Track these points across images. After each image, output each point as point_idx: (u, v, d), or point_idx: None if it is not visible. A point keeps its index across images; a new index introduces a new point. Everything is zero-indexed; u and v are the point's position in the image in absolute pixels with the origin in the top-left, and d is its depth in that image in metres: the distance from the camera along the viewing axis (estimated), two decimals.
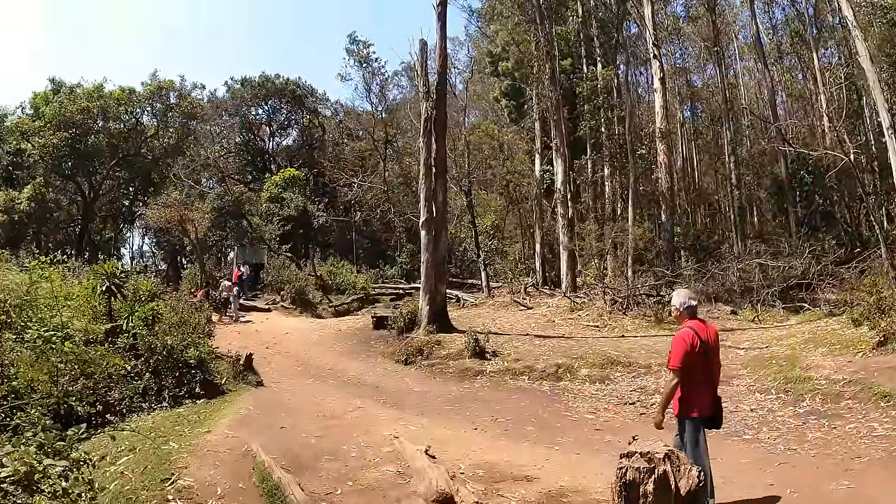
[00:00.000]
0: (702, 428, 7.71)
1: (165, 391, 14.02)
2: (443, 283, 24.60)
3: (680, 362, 7.57)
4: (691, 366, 7.57)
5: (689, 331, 7.69)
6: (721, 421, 8.08)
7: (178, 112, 55.96)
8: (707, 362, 7.71)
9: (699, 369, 7.63)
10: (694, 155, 48.20)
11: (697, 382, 7.66)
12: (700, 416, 7.69)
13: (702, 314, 20.53)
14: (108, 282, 16.71)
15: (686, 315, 7.92)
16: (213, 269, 46.54)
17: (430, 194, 23.96)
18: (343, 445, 10.77)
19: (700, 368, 7.64)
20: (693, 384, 7.64)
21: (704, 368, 7.69)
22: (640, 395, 14.80)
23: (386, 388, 17.55)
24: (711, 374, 7.87)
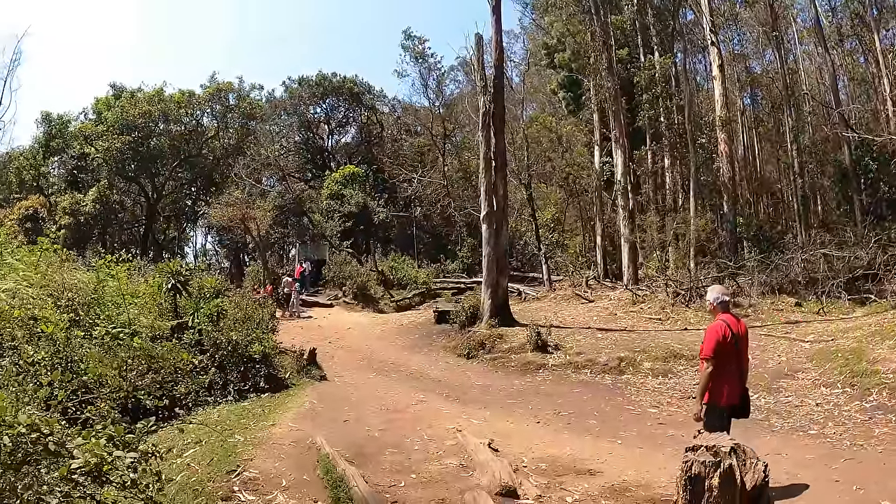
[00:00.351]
0: (728, 417, 8.03)
1: (230, 385, 14.23)
2: (504, 276, 24.54)
3: (712, 352, 7.90)
4: (723, 356, 7.91)
5: (721, 323, 8.05)
6: (749, 411, 8.35)
7: (238, 113, 56.96)
8: (738, 353, 8.05)
9: (731, 360, 7.98)
10: (755, 143, 47.10)
11: (729, 372, 7.98)
12: (728, 405, 8.01)
13: (766, 306, 20.32)
14: (173, 279, 16.96)
15: (720, 309, 8.27)
16: (276, 265, 47.02)
17: (490, 188, 23.87)
18: (406, 438, 10.79)
19: (732, 359, 7.99)
20: (724, 374, 7.95)
21: (736, 359, 8.03)
22: None
23: (448, 381, 17.57)
24: (741, 365, 8.16)
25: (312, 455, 9.56)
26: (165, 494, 6.41)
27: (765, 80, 44.97)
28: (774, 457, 7.56)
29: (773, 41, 39.18)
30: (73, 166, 55.68)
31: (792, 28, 42.25)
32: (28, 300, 13.79)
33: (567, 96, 43.39)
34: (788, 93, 38.34)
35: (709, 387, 7.99)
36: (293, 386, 15.48)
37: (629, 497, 8.17)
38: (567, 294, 29.57)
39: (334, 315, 32.54)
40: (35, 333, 11.82)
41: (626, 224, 30.81)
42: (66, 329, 11.73)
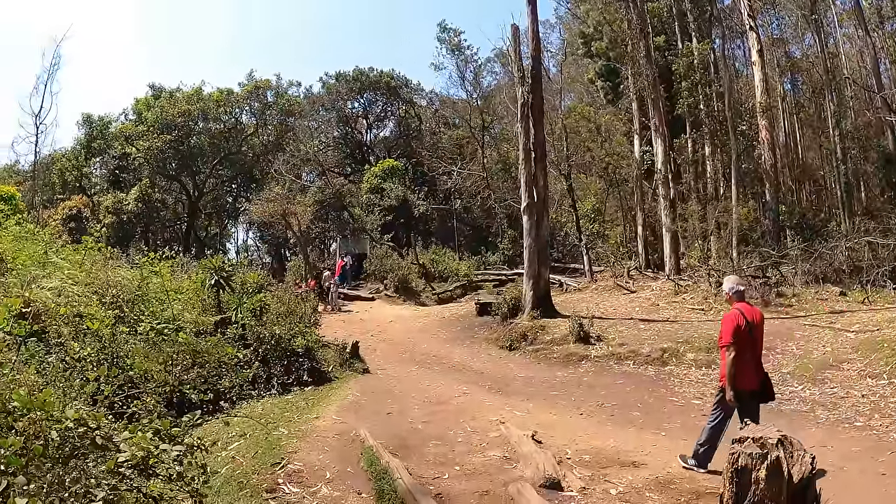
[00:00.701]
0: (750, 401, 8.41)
1: (274, 379, 14.31)
2: (546, 267, 24.37)
3: (730, 338, 8.33)
4: (739, 343, 8.33)
5: (736, 311, 8.55)
6: (772, 395, 8.81)
7: (276, 109, 57.59)
8: (753, 340, 8.47)
9: (746, 347, 8.38)
10: (796, 129, 46.13)
11: (745, 358, 8.37)
12: (747, 390, 8.40)
13: (810, 295, 20.05)
14: (216, 275, 17.10)
15: (735, 298, 8.82)
16: (317, 260, 47.18)
17: (530, 179, 23.71)
18: (449, 431, 10.75)
19: (747, 346, 8.39)
20: (740, 360, 8.35)
21: (751, 346, 8.45)
22: None
23: (490, 373, 17.48)
24: (756, 351, 8.57)
25: (356, 447, 9.57)
26: (211, 487, 6.43)
27: (804, 65, 44.27)
28: (820, 449, 7.37)
29: (813, 24, 38.65)
30: (115, 166, 56.54)
31: (831, 11, 41.38)
32: (73, 298, 13.94)
33: (605, 86, 43.19)
34: (829, 77, 37.78)
35: (731, 372, 8.33)
36: (336, 379, 15.52)
37: (674, 489, 8.06)
38: (608, 285, 29.31)
39: (376, 308, 32.86)
40: (81, 330, 11.97)
41: (667, 213, 30.44)
42: (111, 325, 11.87)
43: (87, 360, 10.26)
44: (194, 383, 11.60)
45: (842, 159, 36.48)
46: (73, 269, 16.15)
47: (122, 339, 11.95)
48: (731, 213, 30.96)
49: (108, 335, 11.50)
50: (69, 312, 12.63)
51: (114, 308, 14.51)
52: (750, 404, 8.35)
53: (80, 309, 13.05)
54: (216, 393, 12.57)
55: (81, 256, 17.26)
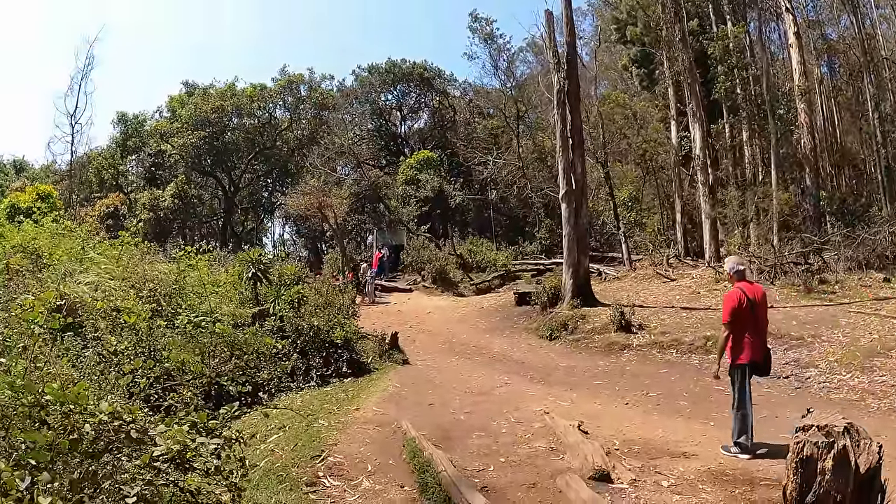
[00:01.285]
0: (749, 374, 8.86)
1: (313, 371, 14.22)
2: (585, 255, 23.93)
3: (729, 316, 8.79)
4: (741, 320, 8.76)
5: (737, 290, 8.92)
6: (770, 369, 9.27)
7: (310, 103, 57.80)
8: (755, 317, 8.84)
9: (748, 322, 8.78)
10: (834, 113, 45.22)
11: (748, 333, 8.79)
12: (749, 363, 8.80)
13: (853, 282, 19.59)
14: (253, 268, 17.00)
15: (736, 278, 9.17)
16: (354, 252, 47.04)
17: (567, 166, 23.36)
18: (493, 421, 10.51)
19: (749, 322, 8.78)
20: (743, 335, 8.79)
21: (753, 322, 8.83)
22: (794, 368, 13.71)
23: (532, 363, 17.17)
24: (759, 327, 8.95)
25: (398, 439, 9.40)
26: (249, 480, 6.29)
27: (841, 47, 43.18)
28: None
29: (849, 5, 37.67)
30: (151, 163, 57.03)
31: None
32: (110, 292, 13.87)
33: (639, 72, 42.63)
34: (867, 59, 36.83)
35: (728, 347, 8.92)
36: (376, 370, 15.41)
37: (727, 481, 7.73)
38: (647, 273, 28.86)
39: (414, 300, 32.79)
40: (118, 324, 11.89)
41: (706, 200, 29.87)
42: (147, 319, 11.77)
43: (123, 353, 10.15)
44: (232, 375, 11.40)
45: (882, 143, 35.50)
46: (109, 265, 16.13)
47: (158, 333, 11.79)
48: (772, 198, 30.40)
49: (145, 328, 11.43)
50: (106, 307, 12.59)
51: (151, 302, 14.46)
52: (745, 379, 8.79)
53: (117, 303, 13.00)
54: (255, 385, 12.39)
55: (118, 251, 17.22)
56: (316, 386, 13.64)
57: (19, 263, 14.46)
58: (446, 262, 37.35)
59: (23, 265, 14.40)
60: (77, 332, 11.80)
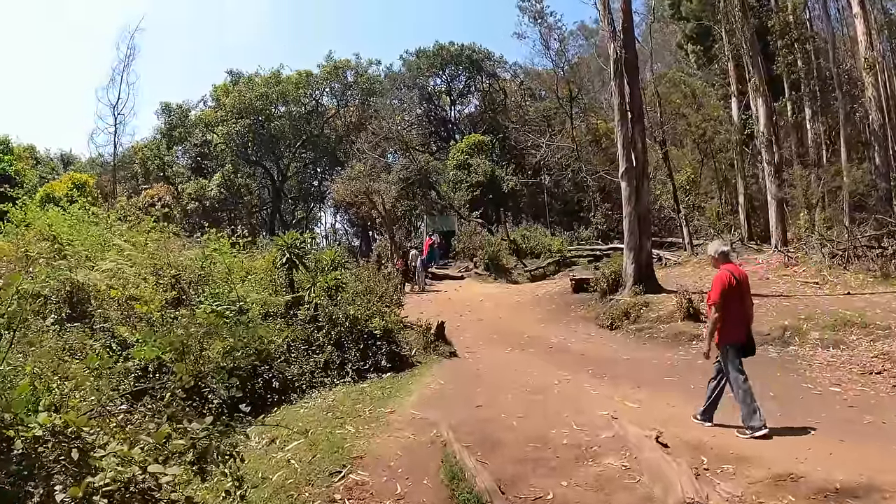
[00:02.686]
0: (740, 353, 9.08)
1: (348, 365, 12.87)
2: (648, 238, 22.39)
3: (718, 297, 8.98)
4: (730, 300, 8.97)
5: (725, 272, 9.12)
6: (754, 349, 9.37)
7: (357, 90, 57.55)
8: (741, 296, 9.11)
9: (736, 303, 9.02)
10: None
11: (736, 314, 9.03)
12: (738, 343, 9.06)
13: None
14: (287, 253, 15.69)
15: (721, 260, 9.39)
16: (403, 239, 45.89)
17: (627, 141, 21.74)
18: (551, 429, 8.99)
19: (737, 302, 9.03)
20: (732, 316, 9.00)
21: (740, 302, 9.09)
22: (885, 362, 12.05)
23: (592, 355, 15.63)
24: (745, 308, 9.21)
25: (436, 451, 7.93)
26: None
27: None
28: None
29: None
30: (197, 154, 57.14)
31: None
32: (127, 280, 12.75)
33: (695, 50, 40.96)
34: None
35: (719, 329, 9.04)
36: (419, 364, 13.96)
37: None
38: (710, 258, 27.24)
39: (465, 287, 31.53)
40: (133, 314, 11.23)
41: (772, 180, 28.08)
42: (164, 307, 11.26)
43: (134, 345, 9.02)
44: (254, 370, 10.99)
45: None
46: (133, 251, 15.05)
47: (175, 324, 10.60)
48: (843, 177, 28.57)
49: (158, 318, 10.56)
50: (119, 295, 11.55)
51: (173, 290, 13.40)
52: (736, 358, 9.01)
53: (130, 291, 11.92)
54: (283, 381, 11.56)
55: (144, 238, 16.11)
56: (352, 382, 12.35)
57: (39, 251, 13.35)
58: (499, 248, 35.84)
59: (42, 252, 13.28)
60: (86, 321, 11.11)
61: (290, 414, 10.32)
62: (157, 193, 48.16)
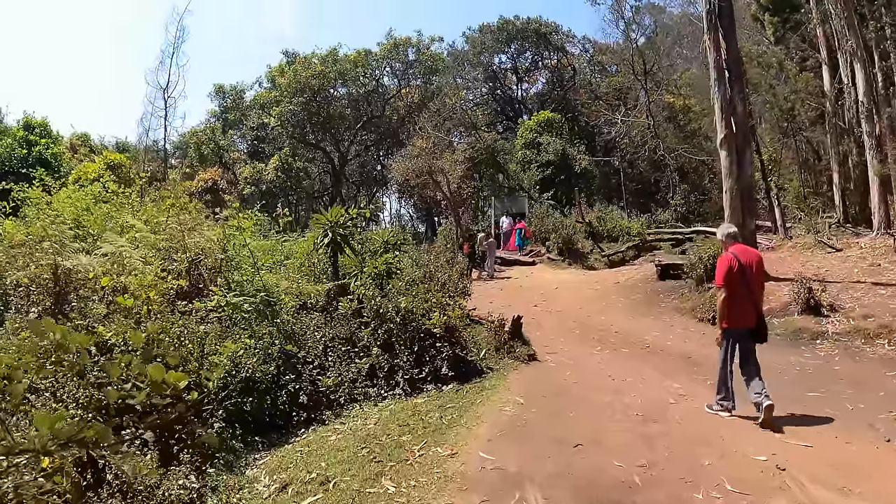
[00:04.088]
0: (745, 337, 8.64)
1: (399, 373, 10.20)
2: (752, 216, 19.37)
3: (722, 280, 8.60)
4: (733, 284, 8.53)
5: (729, 254, 8.73)
6: (766, 335, 8.83)
7: (419, 68, 55.69)
8: (747, 280, 8.56)
9: (740, 286, 8.54)
10: None
11: (739, 298, 8.55)
12: (742, 328, 8.61)
13: None
14: (330, 233, 13.10)
15: (729, 242, 8.98)
16: (470, 222, 43.51)
17: (725, 104, 18.74)
18: (695, 492, 6.11)
19: (740, 286, 8.55)
20: (735, 300, 8.56)
21: (745, 286, 8.56)
22: None
23: (699, 359, 12.54)
24: (752, 292, 8.62)
25: None
26: None
27: None
28: None
29: None
30: (254, 137, 56.46)
31: None
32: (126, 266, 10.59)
33: (773, 21, 37.93)
34: None
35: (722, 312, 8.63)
36: (489, 372, 11.11)
37: None
38: (807, 242, 24.25)
39: (537, 273, 28.58)
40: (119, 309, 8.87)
41: (873, 154, 24.94)
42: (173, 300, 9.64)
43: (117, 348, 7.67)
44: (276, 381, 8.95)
45: None
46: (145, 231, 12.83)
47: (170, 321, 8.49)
48: None
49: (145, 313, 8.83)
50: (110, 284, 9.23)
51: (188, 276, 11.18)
52: (746, 344, 8.62)
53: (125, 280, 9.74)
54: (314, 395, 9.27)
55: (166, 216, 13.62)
56: (402, 395, 9.76)
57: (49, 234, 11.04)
58: (574, 232, 33.56)
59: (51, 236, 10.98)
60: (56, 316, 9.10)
61: (317, 441, 7.94)
62: (210, 178, 47.40)
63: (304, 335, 10.32)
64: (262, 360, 8.87)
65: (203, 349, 8.38)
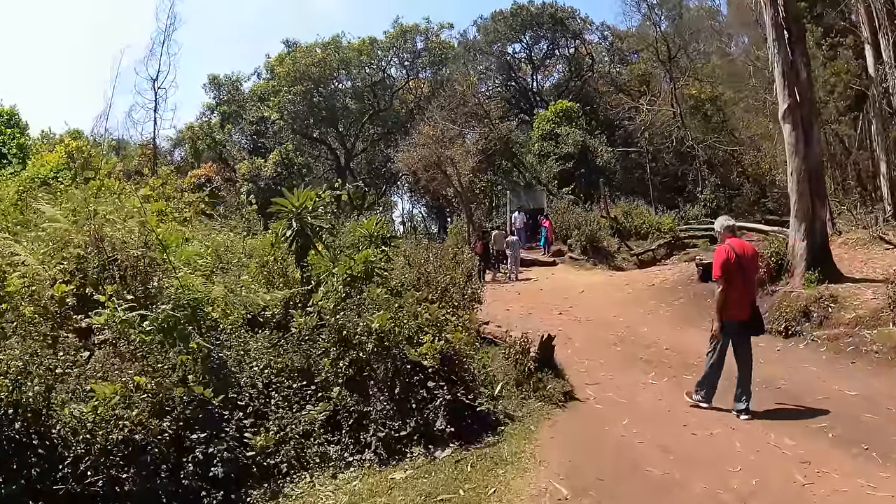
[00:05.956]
0: (739, 330, 8.45)
1: (372, 426, 6.83)
2: (823, 203, 15.75)
3: (720, 271, 8.42)
4: (729, 276, 8.36)
5: (726, 247, 8.56)
6: (762, 327, 8.83)
7: (428, 57, 53.83)
8: (743, 273, 8.45)
9: (736, 278, 8.38)
10: None
11: (735, 290, 8.38)
12: (737, 320, 8.41)
13: None
14: (295, 223, 9.88)
15: (726, 234, 8.82)
16: (483, 218, 40.87)
17: (787, 69, 15.33)
18: None
19: (737, 277, 8.38)
20: (731, 292, 8.37)
21: (741, 278, 8.43)
22: None
23: (797, 391, 9.19)
24: (748, 284, 8.59)
25: None
26: None
27: None
28: None
29: None
30: (253, 132, 54.03)
31: None
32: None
33: None
34: None
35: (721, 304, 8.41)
36: (508, 423, 7.59)
37: None
38: (860, 238, 20.99)
39: (559, 274, 26.14)
40: None
41: None
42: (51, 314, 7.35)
43: None
44: (172, 441, 5.93)
45: None
46: (63, 223, 9.81)
47: None
48: None
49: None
50: None
51: (74, 279, 8.30)
52: (741, 336, 8.47)
53: None
54: (238, 463, 6.15)
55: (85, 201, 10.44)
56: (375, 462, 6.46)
57: None
58: (598, 228, 31.10)
59: None
60: None
61: None
62: (204, 174, 45.29)
63: (240, 366, 7.10)
64: (156, 412, 5.80)
65: (49, 395, 5.31)
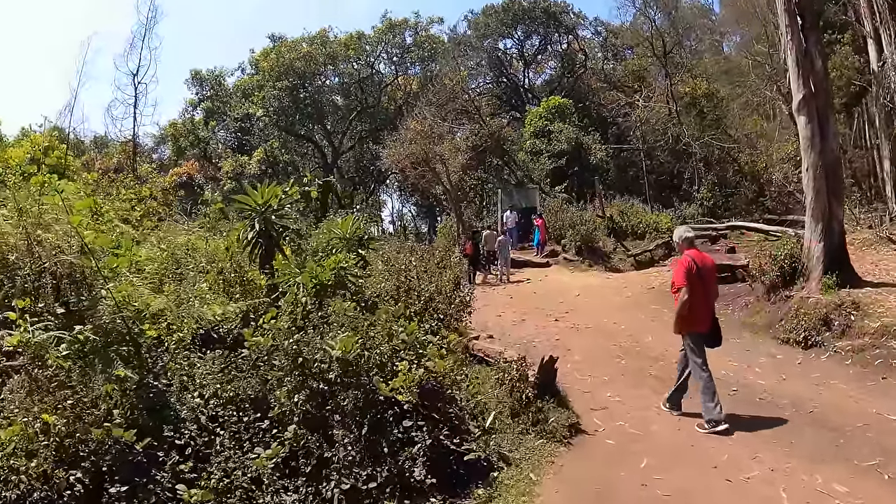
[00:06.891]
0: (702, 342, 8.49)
1: (334, 476, 5.53)
2: (840, 202, 14.70)
3: (684, 280, 8.34)
4: (694, 286, 8.32)
5: (687, 257, 8.53)
6: (720, 340, 8.73)
7: (417, 54, 53.55)
8: (704, 284, 8.47)
9: (698, 290, 8.36)
10: None
11: (698, 302, 8.36)
12: (700, 332, 8.49)
13: None
14: (258, 224, 8.69)
15: (685, 245, 8.81)
16: (473, 218, 40.20)
17: (801, 57, 14.41)
18: None
19: (699, 289, 8.37)
20: (694, 303, 8.32)
21: (703, 290, 8.44)
22: None
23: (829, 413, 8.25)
24: (708, 296, 8.60)
25: None
26: None
27: None
28: None
29: None
30: (237, 129, 53.30)
31: None
32: None
33: None
34: None
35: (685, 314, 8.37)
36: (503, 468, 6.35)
37: None
38: (866, 238, 20.06)
39: (553, 276, 25.20)
40: None
41: None
42: None
43: None
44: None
45: None
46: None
47: None
48: None
49: None
50: None
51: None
52: (700, 346, 8.43)
53: None
54: None
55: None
56: None
57: None
58: (594, 228, 30.24)
59: None
60: None
61: None
62: (186, 172, 44.96)
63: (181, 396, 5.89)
64: (66, 459, 4.79)
65: None
